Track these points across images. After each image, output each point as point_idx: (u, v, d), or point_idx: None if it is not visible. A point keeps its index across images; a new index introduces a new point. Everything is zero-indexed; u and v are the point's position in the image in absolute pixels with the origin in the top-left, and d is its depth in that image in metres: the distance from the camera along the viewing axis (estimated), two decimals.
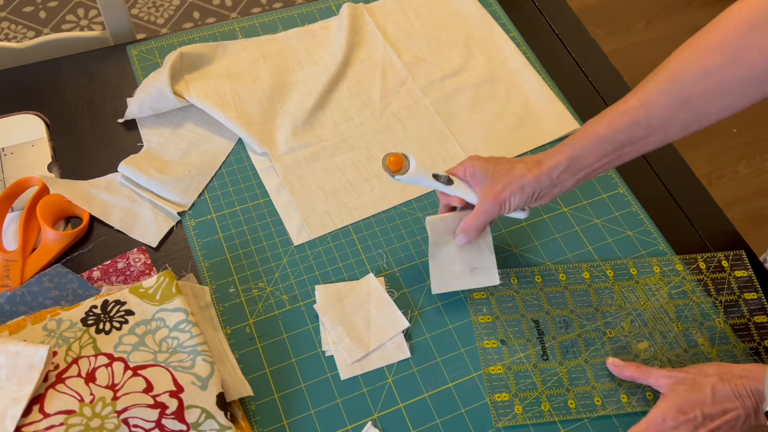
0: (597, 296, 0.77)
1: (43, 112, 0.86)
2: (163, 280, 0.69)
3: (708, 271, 0.79)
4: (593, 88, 0.96)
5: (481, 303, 0.75)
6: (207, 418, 0.62)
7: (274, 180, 0.83)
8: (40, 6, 2.06)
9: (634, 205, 0.85)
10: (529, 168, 0.69)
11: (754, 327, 0.76)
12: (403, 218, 0.82)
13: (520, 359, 0.72)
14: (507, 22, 1.02)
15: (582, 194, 0.85)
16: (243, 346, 0.71)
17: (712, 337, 0.75)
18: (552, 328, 0.74)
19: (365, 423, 0.68)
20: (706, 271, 0.79)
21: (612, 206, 0.84)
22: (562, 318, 0.75)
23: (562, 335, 0.74)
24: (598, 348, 0.73)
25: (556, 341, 0.73)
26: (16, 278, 0.72)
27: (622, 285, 0.77)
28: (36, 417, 0.59)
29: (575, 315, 0.75)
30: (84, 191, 0.79)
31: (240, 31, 0.97)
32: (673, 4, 2.20)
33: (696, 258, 0.80)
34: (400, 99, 0.92)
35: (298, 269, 0.77)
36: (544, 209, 0.84)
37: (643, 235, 0.82)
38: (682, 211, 0.85)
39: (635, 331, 0.75)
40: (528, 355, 0.72)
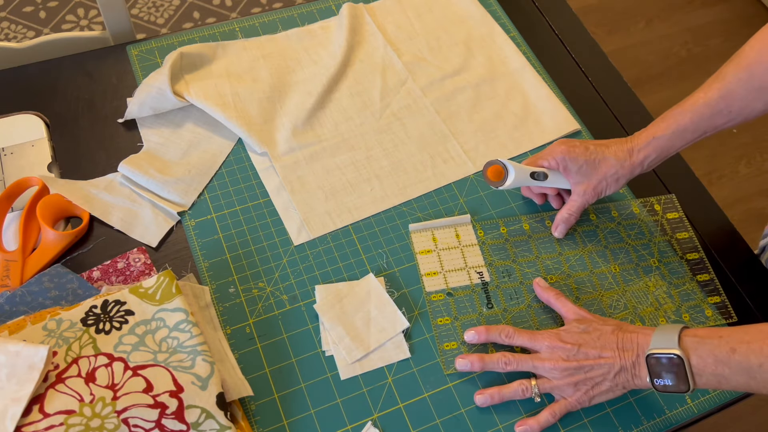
0: (538, 247, 0.80)
1: (43, 112, 0.86)
2: (163, 280, 0.69)
3: (642, 215, 0.84)
4: (593, 88, 0.96)
5: (428, 260, 0.77)
6: (207, 418, 0.62)
7: (274, 180, 0.83)
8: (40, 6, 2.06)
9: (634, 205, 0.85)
10: (621, 162, 0.76)
11: (687, 265, 0.80)
12: (403, 218, 0.82)
13: (465, 308, 0.74)
14: (507, 22, 1.02)
15: None
16: (243, 346, 0.71)
17: (647, 276, 0.79)
18: (495, 278, 0.77)
19: (365, 423, 0.68)
20: (641, 215, 0.83)
21: (611, 204, 0.84)
22: (504, 267, 0.77)
23: (505, 284, 0.76)
24: None
25: (499, 290, 0.76)
26: (16, 278, 0.72)
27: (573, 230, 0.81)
28: (36, 417, 0.59)
29: (517, 264, 0.78)
30: (84, 191, 0.79)
31: (240, 31, 0.97)
32: (673, 4, 2.20)
33: (630, 203, 0.85)
34: (400, 99, 0.92)
35: (298, 269, 0.77)
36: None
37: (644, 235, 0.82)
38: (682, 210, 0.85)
39: (575, 274, 0.78)
40: (473, 304, 0.75)
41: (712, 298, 0.78)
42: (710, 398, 0.72)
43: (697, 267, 0.80)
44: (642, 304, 0.76)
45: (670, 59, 2.08)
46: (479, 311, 0.74)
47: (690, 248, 0.81)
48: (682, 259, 0.80)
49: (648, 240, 0.81)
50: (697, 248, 0.81)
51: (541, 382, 0.68)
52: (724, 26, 2.15)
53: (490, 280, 0.76)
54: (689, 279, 0.79)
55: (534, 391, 0.68)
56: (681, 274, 0.79)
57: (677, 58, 2.08)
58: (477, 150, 0.88)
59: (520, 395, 0.68)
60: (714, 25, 2.15)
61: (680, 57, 2.08)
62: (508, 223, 0.81)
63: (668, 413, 0.70)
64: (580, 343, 0.67)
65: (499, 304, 0.75)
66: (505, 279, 0.76)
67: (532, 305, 0.75)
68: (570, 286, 0.77)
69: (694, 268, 0.80)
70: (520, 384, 0.68)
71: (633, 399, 0.71)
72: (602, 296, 0.76)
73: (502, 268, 0.77)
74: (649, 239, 0.81)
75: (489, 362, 0.69)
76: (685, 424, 0.71)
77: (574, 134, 0.91)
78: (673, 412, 0.71)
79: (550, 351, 0.67)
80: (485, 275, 0.77)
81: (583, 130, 0.91)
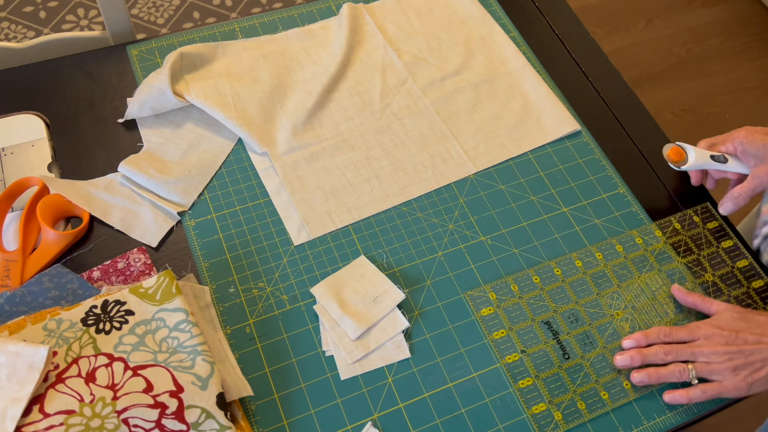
0: (594, 282, 0.78)
1: (43, 112, 0.86)
2: (163, 280, 0.69)
3: (684, 230, 0.82)
4: (593, 88, 0.96)
5: (491, 318, 0.74)
6: (207, 418, 0.62)
7: (274, 180, 0.83)
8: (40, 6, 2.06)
9: (634, 204, 0.85)
10: None
11: (739, 272, 0.80)
12: (403, 218, 0.82)
13: (543, 365, 0.72)
14: (507, 22, 1.02)
15: (582, 195, 0.85)
16: (243, 346, 0.71)
17: (706, 292, 0.78)
18: (564, 325, 0.74)
19: (365, 423, 0.68)
20: (682, 230, 0.82)
21: (612, 206, 0.84)
22: (569, 312, 0.75)
23: (575, 329, 0.74)
24: (612, 332, 0.75)
25: (570, 336, 0.74)
26: (16, 278, 0.72)
27: (612, 264, 0.79)
28: (36, 417, 0.59)
29: (581, 306, 0.76)
30: (84, 191, 0.79)
31: (240, 31, 0.97)
32: (673, 4, 2.20)
33: (670, 220, 0.83)
34: (400, 99, 0.92)
35: (298, 269, 0.77)
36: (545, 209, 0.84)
37: (646, 234, 0.82)
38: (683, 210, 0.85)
39: (639, 306, 0.76)
40: (550, 358, 0.72)
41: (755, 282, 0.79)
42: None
43: (750, 274, 0.79)
44: None
45: (670, 59, 2.07)
46: (557, 364, 0.72)
47: (738, 256, 0.81)
48: (733, 269, 0.80)
49: (697, 255, 0.80)
50: (745, 255, 0.81)
51: (699, 366, 0.69)
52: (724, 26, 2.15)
53: (560, 329, 0.74)
54: (746, 286, 0.79)
55: (691, 374, 0.69)
56: (736, 283, 0.79)
57: (677, 58, 2.08)
58: (477, 150, 0.88)
59: (677, 377, 0.69)
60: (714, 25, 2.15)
61: (680, 57, 2.08)
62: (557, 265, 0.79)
63: (668, 413, 0.70)
64: (738, 329, 0.68)
65: (575, 353, 0.73)
66: (574, 324, 0.74)
67: (607, 347, 0.73)
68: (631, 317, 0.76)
69: (746, 275, 0.79)
70: (677, 366, 0.69)
71: (633, 399, 0.71)
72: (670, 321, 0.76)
73: (568, 313, 0.75)
74: (698, 254, 0.80)
75: (648, 354, 0.70)
76: (685, 424, 0.71)
77: (574, 134, 0.91)
78: (674, 412, 0.71)
79: (708, 338, 0.69)
80: (552, 324, 0.74)
81: (583, 130, 0.91)
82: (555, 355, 0.72)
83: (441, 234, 0.81)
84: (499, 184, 0.85)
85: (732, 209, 0.79)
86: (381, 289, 0.75)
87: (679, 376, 0.69)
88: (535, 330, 0.74)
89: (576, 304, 0.76)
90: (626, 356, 0.71)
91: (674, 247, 0.81)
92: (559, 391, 0.70)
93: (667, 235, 0.81)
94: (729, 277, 0.79)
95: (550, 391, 0.70)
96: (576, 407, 0.69)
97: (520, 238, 0.81)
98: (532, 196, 0.85)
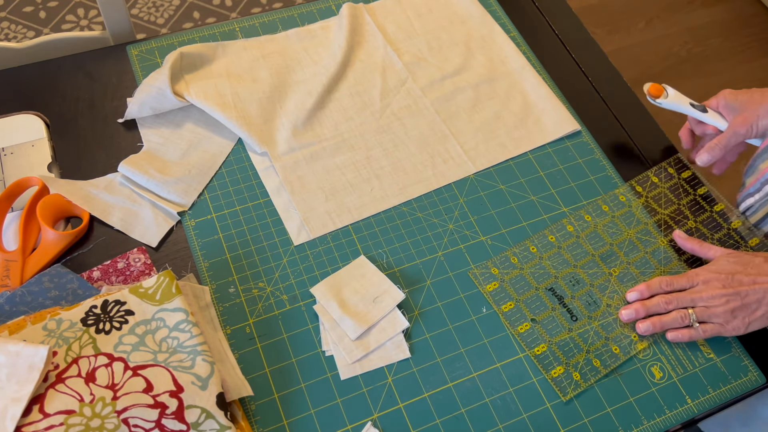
0: (588, 243, 0.80)
1: (43, 112, 0.86)
2: (163, 280, 0.69)
3: (662, 182, 0.85)
4: (593, 88, 0.96)
5: (498, 292, 0.76)
6: (207, 418, 0.62)
7: (274, 180, 0.83)
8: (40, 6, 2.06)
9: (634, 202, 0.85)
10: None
11: (718, 216, 0.84)
12: (403, 218, 0.82)
13: (555, 330, 0.74)
14: (507, 22, 1.02)
15: (582, 195, 0.85)
16: (243, 346, 0.71)
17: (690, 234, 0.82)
18: (567, 289, 0.77)
19: (365, 423, 0.68)
20: (660, 182, 0.85)
21: (612, 207, 0.84)
22: (570, 276, 0.78)
23: (578, 291, 0.77)
24: (613, 289, 0.77)
25: (575, 300, 0.76)
26: (16, 278, 0.72)
27: (604, 224, 0.82)
28: (36, 417, 0.59)
29: (580, 268, 0.78)
30: (84, 191, 0.79)
31: (240, 31, 0.97)
32: (673, 4, 2.20)
33: (647, 175, 0.86)
34: (400, 99, 0.92)
35: (298, 269, 0.77)
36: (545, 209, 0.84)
37: (644, 234, 0.82)
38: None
39: (632, 260, 0.79)
40: (560, 323, 0.75)
41: (751, 241, 0.82)
42: (710, 398, 0.72)
43: (728, 216, 0.84)
44: None
45: (670, 59, 2.07)
46: (568, 327, 0.74)
47: (712, 201, 0.85)
48: (712, 213, 0.83)
49: (677, 204, 0.84)
50: (720, 200, 0.84)
51: (699, 310, 0.72)
52: (724, 26, 2.15)
53: (564, 293, 0.77)
54: (727, 228, 0.83)
55: (692, 318, 0.72)
56: (716, 226, 0.83)
57: (677, 58, 2.08)
58: (477, 150, 0.88)
59: (679, 323, 0.72)
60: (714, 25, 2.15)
61: (680, 57, 2.08)
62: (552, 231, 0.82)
63: (668, 413, 0.71)
64: (734, 272, 0.71)
65: (582, 315, 0.75)
66: (576, 287, 0.77)
67: (610, 304, 0.76)
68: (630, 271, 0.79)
69: (725, 218, 0.83)
70: (678, 313, 0.72)
71: (633, 399, 0.71)
72: None
73: (569, 277, 0.78)
74: (678, 203, 0.84)
75: (651, 306, 0.74)
76: (685, 424, 0.71)
77: (575, 134, 0.91)
78: (673, 412, 0.71)
79: (706, 283, 0.72)
80: (556, 290, 0.77)
81: (583, 130, 0.91)
82: (563, 319, 0.75)
83: (441, 234, 0.81)
84: (499, 184, 0.85)
85: (708, 160, 0.81)
86: (381, 289, 0.75)
87: (681, 321, 0.72)
88: (541, 297, 0.76)
89: (575, 268, 0.78)
90: (631, 310, 0.74)
91: (656, 200, 0.84)
92: (573, 353, 0.73)
93: (647, 190, 0.84)
94: (710, 221, 0.83)
95: (564, 354, 0.73)
96: (592, 365, 0.72)
97: (520, 237, 0.81)
98: (532, 196, 0.85)
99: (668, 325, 0.73)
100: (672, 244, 0.81)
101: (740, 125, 0.78)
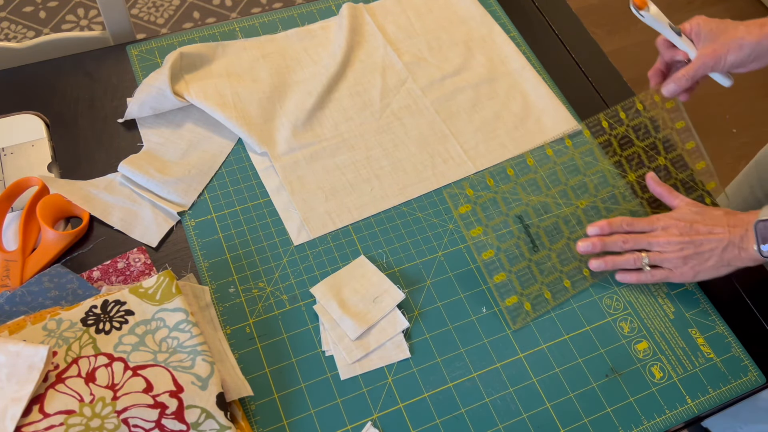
0: (564, 173, 0.82)
1: (43, 112, 0.86)
2: (163, 280, 0.69)
3: (628, 119, 0.86)
4: (593, 88, 0.96)
5: (470, 215, 0.78)
6: (207, 418, 0.62)
7: (274, 180, 0.83)
8: (40, 6, 2.06)
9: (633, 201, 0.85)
10: (750, 30, 0.75)
11: (687, 155, 0.86)
12: (403, 218, 0.82)
13: (516, 260, 0.77)
14: (507, 22, 1.02)
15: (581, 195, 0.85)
16: (243, 346, 0.71)
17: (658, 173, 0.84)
18: (534, 216, 0.80)
19: (365, 423, 0.68)
20: (627, 119, 0.86)
21: (611, 205, 0.84)
22: (540, 204, 0.81)
23: (544, 221, 0.80)
24: (574, 225, 0.80)
25: (540, 229, 0.79)
26: (16, 278, 0.72)
27: (581, 152, 0.85)
28: (36, 417, 0.59)
29: (550, 197, 0.81)
30: (84, 191, 0.79)
31: (240, 31, 0.97)
32: (673, 4, 2.20)
33: (616, 109, 0.86)
34: (400, 99, 0.92)
35: (298, 269, 0.77)
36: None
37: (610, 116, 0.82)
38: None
39: (600, 194, 0.82)
40: (521, 252, 0.77)
41: (709, 184, 0.84)
42: (710, 398, 0.72)
43: (697, 155, 0.85)
44: None
45: None
46: (528, 257, 0.77)
47: (689, 137, 0.86)
48: (683, 150, 0.86)
49: (654, 137, 0.86)
50: (694, 137, 0.86)
51: (653, 255, 0.74)
52: None
53: (530, 221, 0.79)
54: (691, 170, 0.85)
55: (644, 262, 0.74)
56: (683, 165, 0.85)
57: None
58: (477, 150, 0.88)
59: (631, 264, 0.75)
60: None
61: None
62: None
63: (668, 413, 0.71)
64: (693, 221, 0.72)
65: (544, 246, 0.78)
66: (543, 217, 0.80)
67: (571, 237, 0.78)
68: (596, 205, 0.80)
69: (693, 156, 0.86)
70: (632, 255, 0.74)
71: (633, 399, 0.71)
72: None
73: (539, 205, 0.80)
74: (655, 136, 0.86)
75: (609, 242, 0.76)
76: (685, 424, 0.71)
77: (574, 134, 0.91)
78: (673, 412, 0.71)
79: (665, 229, 0.73)
80: (524, 218, 0.79)
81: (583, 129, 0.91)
82: (525, 248, 0.78)
83: (441, 234, 0.81)
84: None
85: (674, 90, 0.80)
86: (381, 289, 0.75)
87: (633, 263, 0.75)
88: (509, 224, 0.79)
89: (546, 196, 0.81)
90: (588, 243, 0.76)
91: (635, 130, 0.86)
92: (528, 284, 0.76)
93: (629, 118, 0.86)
94: (678, 160, 0.85)
95: (521, 284, 0.76)
96: (543, 296, 0.76)
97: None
98: (532, 196, 0.85)
99: (620, 265, 0.75)
100: (640, 181, 0.83)
101: (709, 56, 0.76)
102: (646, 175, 0.81)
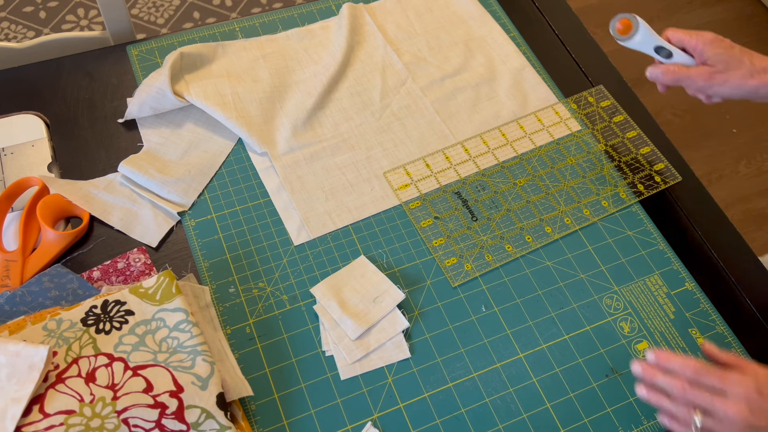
0: (499, 157, 0.87)
1: (43, 112, 0.86)
2: (163, 280, 0.69)
3: (580, 109, 0.92)
4: (593, 88, 0.96)
5: (407, 192, 0.83)
6: (207, 418, 0.62)
7: (274, 180, 0.83)
8: (40, 6, 2.06)
9: (634, 206, 0.85)
10: (753, 74, 0.72)
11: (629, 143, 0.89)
12: (403, 218, 0.82)
13: (455, 226, 0.80)
14: (507, 22, 1.02)
15: (581, 194, 0.85)
16: (243, 346, 0.71)
17: (598, 161, 0.88)
18: (472, 193, 0.83)
19: (365, 423, 0.68)
20: (579, 108, 0.92)
21: (612, 206, 0.84)
22: (477, 183, 0.84)
23: (482, 196, 0.83)
24: (516, 196, 0.83)
25: (478, 203, 0.82)
26: (16, 278, 0.72)
27: (516, 142, 0.88)
28: (36, 417, 0.59)
29: (487, 177, 0.84)
30: (84, 191, 0.79)
31: (240, 31, 0.97)
32: (673, 4, 2.20)
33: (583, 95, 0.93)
34: (400, 99, 0.92)
35: (298, 269, 0.77)
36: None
37: (644, 235, 0.82)
38: (682, 211, 0.85)
39: (538, 173, 0.85)
40: (460, 221, 0.81)
41: (656, 165, 0.87)
42: None
43: (639, 142, 0.89)
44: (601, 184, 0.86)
45: None
46: (467, 225, 0.80)
47: (628, 128, 0.91)
48: (624, 139, 0.89)
49: (591, 129, 0.90)
50: (634, 127, 0.90)
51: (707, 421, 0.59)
52: (724, 26, 2.15)
53: (468, 197, 0.83)
54: (635, 153, 0.88)
55: (696, 425, 0.59)
56: (626, 151, 0.89)
57: None
58: (477, 149, 0.88)
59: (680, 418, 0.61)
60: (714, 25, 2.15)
61: None
62: None
63: None
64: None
65: (482, 216, 0.81)
66: (481, 192, 0.83)
67: (511, 208, 0.82)
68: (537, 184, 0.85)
69: (636, 143, 0.89)
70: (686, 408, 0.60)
71: (633, 399, 0.71)
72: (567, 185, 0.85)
73: (476, 184, 0.84)
74: (591, 128, 0.90)
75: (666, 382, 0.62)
76: None
77: (574, 134, 0.91)
78: None
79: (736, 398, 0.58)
80: (462, 194, 0.83)
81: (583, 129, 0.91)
82: (464, 218, 0.81)
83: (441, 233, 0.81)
84: None
85: (656, 77, 0.77)
86: (381, 289, 0.75)
87: (682, 418, 0.61)
88: (447, 199, 0.83)
89: (483, 176, 0.84)
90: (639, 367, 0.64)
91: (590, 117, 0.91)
92: (469, 247, 0.79)
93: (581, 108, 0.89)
94: (620, 146, 0.88)
95: (460, 248, 0.79)
96: (484, 259, 0.78)
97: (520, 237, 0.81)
98: (533, 196, 0.85)
99: (667, 411, 0.62)
100: (576, 163, 0.86)
101: (704, 80, 0.73)
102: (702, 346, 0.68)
